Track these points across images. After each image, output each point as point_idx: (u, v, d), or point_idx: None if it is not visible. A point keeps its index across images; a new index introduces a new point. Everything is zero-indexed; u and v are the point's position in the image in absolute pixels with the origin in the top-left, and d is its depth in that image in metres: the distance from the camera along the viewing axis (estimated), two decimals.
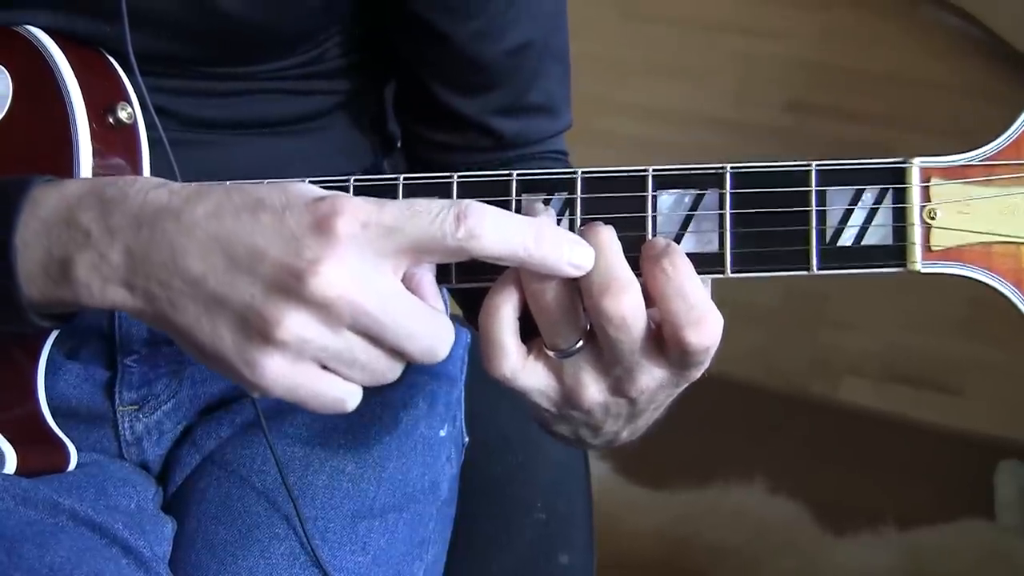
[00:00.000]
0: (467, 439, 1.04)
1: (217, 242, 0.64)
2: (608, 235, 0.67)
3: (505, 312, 0.69)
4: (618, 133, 2.09)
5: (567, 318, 0.68)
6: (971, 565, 1.90)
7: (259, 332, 0.64)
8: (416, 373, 0.96)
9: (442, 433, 0.98)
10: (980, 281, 0.68)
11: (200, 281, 0.65)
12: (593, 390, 0.70)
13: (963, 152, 0.68)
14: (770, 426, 2.00)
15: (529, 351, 0.70)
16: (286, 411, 0.93)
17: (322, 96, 0.93)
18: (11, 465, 0.82)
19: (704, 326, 0.66)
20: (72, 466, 0.86)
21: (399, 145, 1.02)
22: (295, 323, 0.64)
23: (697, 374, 0.70)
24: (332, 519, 0.89)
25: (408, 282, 0.67)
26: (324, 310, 0.64)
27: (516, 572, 1.09)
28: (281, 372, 0.65)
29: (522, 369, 0.70)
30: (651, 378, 0.69)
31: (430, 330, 0.67)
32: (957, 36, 2.07)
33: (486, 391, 1.07)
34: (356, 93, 0.95)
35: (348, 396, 0.68)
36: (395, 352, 0.67)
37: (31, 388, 0.82)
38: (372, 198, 0.65)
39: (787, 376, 2.00)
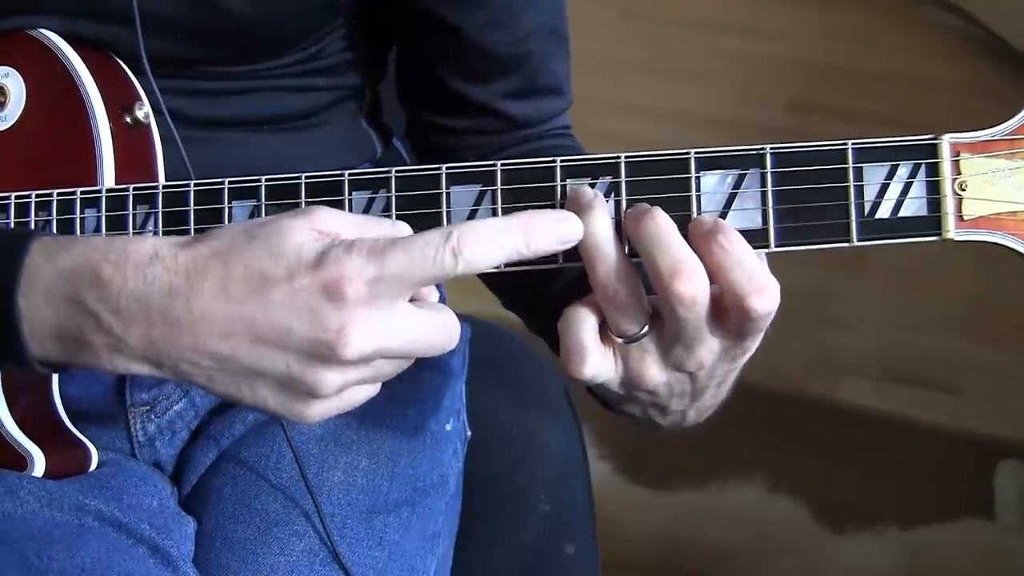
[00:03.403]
0: (469, 433, 1.05)
1: (236, 323, 0.66)
2: (667, 222, 0.70)
3: (586, 318, 0.72)
4: (616, 133, 2.08)
5: (635, 306, 0.71)
6: (971, 565, 1.90)
7: (303, 392, 0.68)
8: (420, 368, 0.97)
9: (448, 427, 0.99)
10: (1009, 247, 0.72)
11: (230, 359, 0.67)
12: (655, 370, 0.72)
13: (987, 128, 0.72)
14: (770, 426, 2.00)
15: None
16: None
17: (320, 92, 0.94)
18: (40, 467, 0.83)
19: (766, 292, 0.69)
20: (94, 465, 0.87)
21: (393, 139, 1.03)
22: (335, 379, 0.67)
23: (753, 345, 0.73)
24: (349, 515, 0.90)
25: None
26: (359, 363, 0.67)
27: (523, 564, 1.10)
28: (324, 412, 0.69)
29: (599, 364, 0.72)
30: (708, 351, 0.72)
31: (443, 334, 0.70)
32: (957, 36, 2.07)
33: (484, 386, 1.07)
34: (353, 88, 0.96)
35: (374, 392, 0.72)
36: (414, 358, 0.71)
37: (48, 392, 0.84)
38: (368, 240, 0.66)
39: (787, 376, 2.00)
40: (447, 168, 0.73)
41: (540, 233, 0.68)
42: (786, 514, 1.95)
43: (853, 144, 0.71)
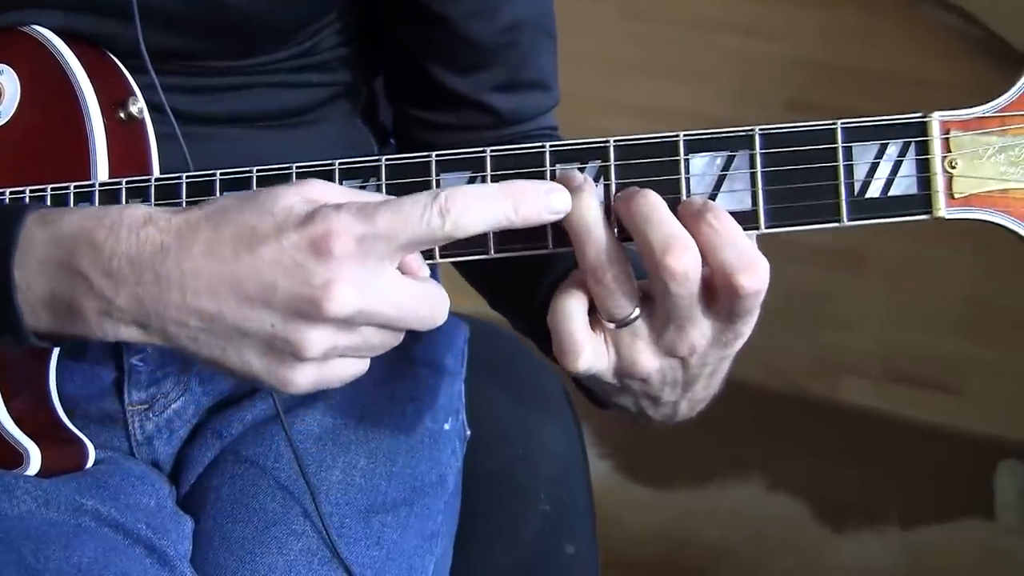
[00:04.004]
0: (468, 432, 1.05)
1: (224, 281, 0.67)
2: (658, 200, 0.70)
3: (575, 308, 0.72)
4: (614, 132, 2.08)
5: (626, 288, 0.71)
6: (971, 565, 1.90)
7: (287, 353, 0.68)
8: (419, 367, 0.98)
9: (446, 427, 0.99)
10: (1000, 225, 0.71)
11: (217, 318, 0.68)
12: (647, 355, 0.72)
13: (977, 105, 0.71)
14: (770, 426, 2.00)
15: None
16: (298, 408, 0.94)
17: (315, 89, 0.95)
18: (36, 464, 0.83)
19: (755, 270, 0.69)
20: (91, 462, 0.87)
21: (390, 137, 1.03)
22: (319, 339, 0.68)
23: (744, 329, 0.72)
24: (347, 514, 0.90)
25: None
26: (343, 323, 0.68)
27: (523, 564, 1.10)
28: (310, 378, 0.70)
29: (592, 355, 0.72)
30: (700, 333, 0.71)
31: (430, 305, 0.70)
32: (957, 36, 2.07)
33: (483, 385, 1.07)
34: (348, 85, 0.97)
35: (363, 368, 0.72)
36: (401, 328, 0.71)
37: (45, 389, 0.84)
38: (357, 202, 0.67)
39: (787, 376, 2.00)
40: (437, 156, 0.74)
41: (529, 201, 0.69)
42: (786, 513, 1.95)
43: (842, 123, 0.71)
